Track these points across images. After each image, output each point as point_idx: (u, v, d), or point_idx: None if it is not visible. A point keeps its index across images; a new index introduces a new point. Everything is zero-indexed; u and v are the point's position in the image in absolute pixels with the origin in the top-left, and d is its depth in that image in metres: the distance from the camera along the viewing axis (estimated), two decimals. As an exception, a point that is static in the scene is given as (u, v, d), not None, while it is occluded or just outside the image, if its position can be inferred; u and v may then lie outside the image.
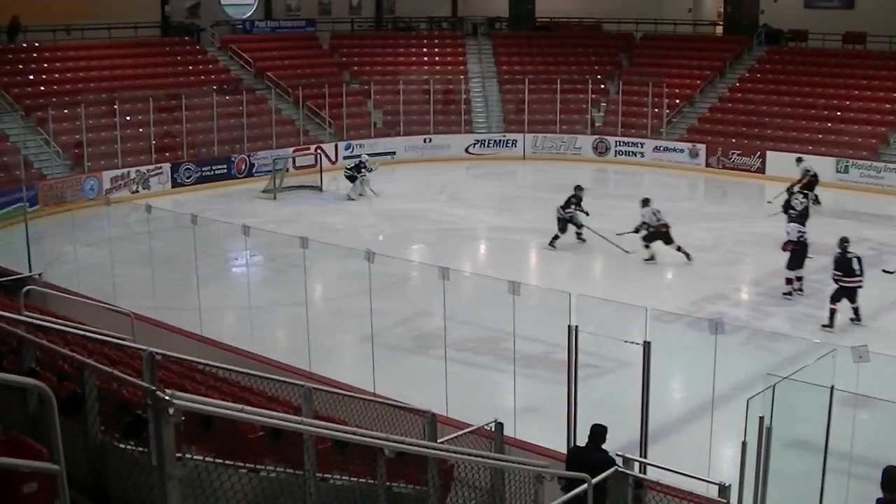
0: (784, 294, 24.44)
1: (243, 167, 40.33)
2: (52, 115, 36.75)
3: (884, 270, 26.21)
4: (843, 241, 22.75)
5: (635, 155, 43.82)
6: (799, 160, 34.23)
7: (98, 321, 15.87)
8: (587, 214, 29.43)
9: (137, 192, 36.83)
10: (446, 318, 17.21)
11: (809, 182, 33.35)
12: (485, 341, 20.47)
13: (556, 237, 28.93)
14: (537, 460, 12.04)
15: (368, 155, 38.70)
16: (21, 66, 40.10)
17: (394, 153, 44.01)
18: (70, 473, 5.60)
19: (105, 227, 26.43)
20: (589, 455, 11.36)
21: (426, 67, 49.55)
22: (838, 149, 39.82)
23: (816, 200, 32.64)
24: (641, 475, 11.22)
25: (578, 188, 29.77)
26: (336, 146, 43.21)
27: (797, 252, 24.81)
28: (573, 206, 29.21)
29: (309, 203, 35.92)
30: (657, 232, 27.69)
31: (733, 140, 42.45)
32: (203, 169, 39.31)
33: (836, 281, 22.39)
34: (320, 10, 53.08)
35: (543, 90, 46.85)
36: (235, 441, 7.92)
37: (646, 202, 28.21)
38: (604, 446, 11.59)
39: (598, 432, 11.64)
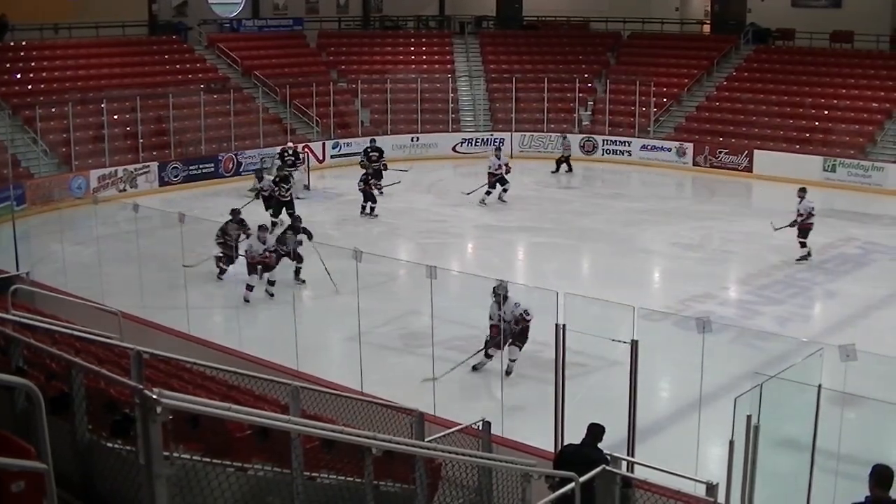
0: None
1: (231, 166, 40.29)
2: (39, 113, 36.61)
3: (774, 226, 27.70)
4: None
5: (623, 154, 43.85)
6: None
7: (86, 320, 15.84)
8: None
9: (125, 190, 36.77)
10: (434, 316, 17.22)
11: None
12: (472, 340, 20.46)
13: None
14: (525, 459, 12.05)
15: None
16: (8, 65, 39.90)
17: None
18: (58, 472, 5.59)
19: (93, 226, 26.43)
20: (584, 454, 11.37)
21: (413, 66, 49.52)
22: (826, 147, 39.96)
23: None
24: (629, 474, 11.23)
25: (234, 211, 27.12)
26: (324, 145, 43.25)
27: None
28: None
29: (296, 201, 35.88)
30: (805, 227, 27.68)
31: (721, 139, 42.53)
32: (190, 168, 39.27)
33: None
34: (307, 8, 53.05)
35: (531, 89, 46.95)
36: (223, 440, 7.91)
37: (803, 191, 28.35)
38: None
39: (598, 432, 11.64)
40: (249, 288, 23.95)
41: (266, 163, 38.53)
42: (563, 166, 41.51)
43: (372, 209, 33.04)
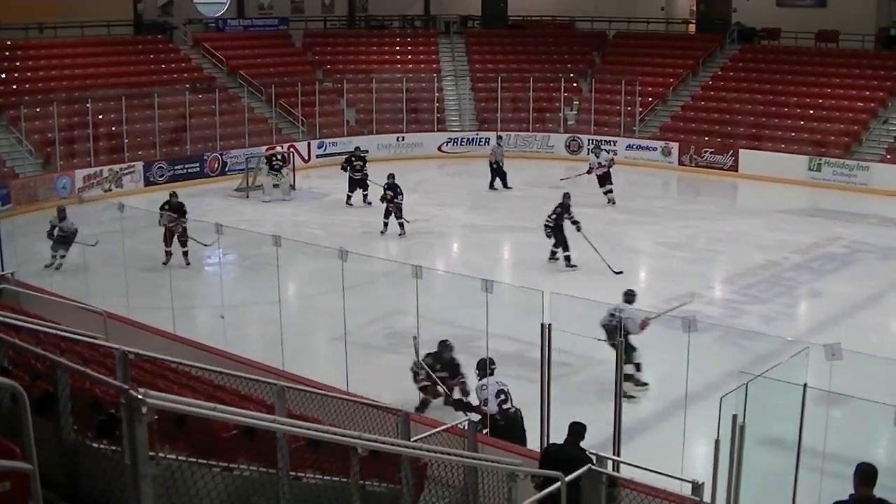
0: None
1: (216, 166, 40.25)
2: (24, 113, 36.54)
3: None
4: None
5: (608, 153, 43.77)
6: None
7: (71, 320, 15.80)
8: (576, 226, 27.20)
9: (110, 190, 36.69)
10: (419, 316, 17.21)
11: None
12: (458, 339, 20.43)
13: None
14: (511, 458, 12.04)
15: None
16: (-7, 65, 39.92)
17: (366, 151, 43.89)
18: (43, 472, 5.58)
19: (78, 226, 26.37)
20: (567, 453, 11.37)
21: (399, 66, 49.53)
22: (811, 147, 40.08)
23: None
24: (615, 473, 11.22)
25: (566, 195, 27.83)
26: (309, 144, 43.22)
27: None
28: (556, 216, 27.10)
29: (282, 201, 35.87)
30: None
31: (706, 138, 42.62)
32: (176, 167, 39.20)
33: None
34: (293, 8, 53.03)
35: (516, 88, 47.07)
36: (208, 440, 7.90)
37: None
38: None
39: (578, 431, 11.65)
40: None
41: (252, 163, 38.44)
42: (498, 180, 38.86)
43: (401, 224, 30.97)
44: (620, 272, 25.92)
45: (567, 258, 26.96)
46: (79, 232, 26.51)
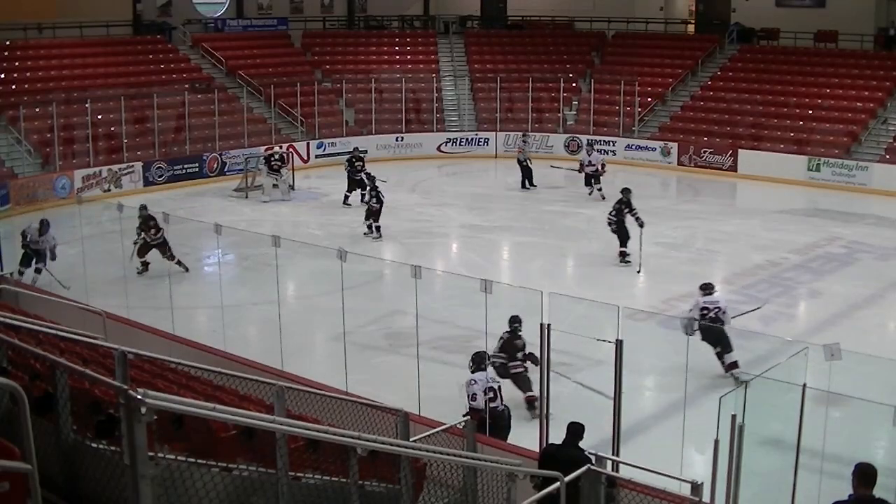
0: None
1: (215, 166, 40.21)
2: (23, 113, 36.48)
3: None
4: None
5: (607, 153, 43.50)
6: None
7: (70, 320, 15.80)
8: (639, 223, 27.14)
9: (109, 190, 36.64)
10: (419, 316, 17.20)
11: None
12: (457, 340, 20.48)
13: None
14: (510, 458, 12.04)
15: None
16: (-8, 65, 39.91)
17: (365, 151, 43.82)
18: (42, 473, 5.57)
19: (77, 226, 26.33)
20: (566, 453, 11.37)
21: (398, 66, 49.45)
22: (810, 147, 40.09)
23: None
24: (614, 473, 11.22)
25: (625, 191, 27.82)
26: (308, 145, 43.16)
27: None
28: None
29: (281, 201, 35.83)
30: None
31: (705, 138, 42.59)
32: (175, 168, 39.16)
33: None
34: (292, 8, 53.00)
35: (515, 89, 47.02)
36: (208, 440, 7.90)
37: None
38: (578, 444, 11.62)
39: (576, 431, 11.65)
40: None
41: (251, 163, 38.41)
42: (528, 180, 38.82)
43: (377, 228, 30.52)
44: (640, 272, 26.44)
45: (622, 254, 27.06)
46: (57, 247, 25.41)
